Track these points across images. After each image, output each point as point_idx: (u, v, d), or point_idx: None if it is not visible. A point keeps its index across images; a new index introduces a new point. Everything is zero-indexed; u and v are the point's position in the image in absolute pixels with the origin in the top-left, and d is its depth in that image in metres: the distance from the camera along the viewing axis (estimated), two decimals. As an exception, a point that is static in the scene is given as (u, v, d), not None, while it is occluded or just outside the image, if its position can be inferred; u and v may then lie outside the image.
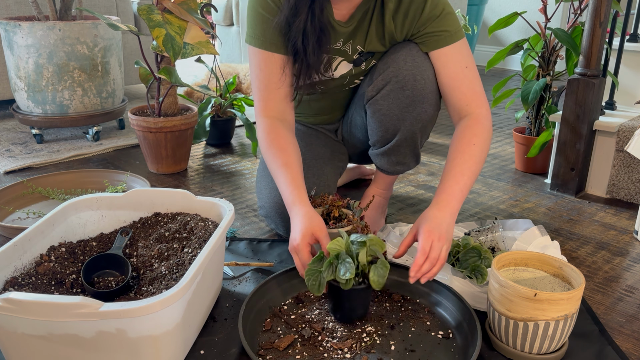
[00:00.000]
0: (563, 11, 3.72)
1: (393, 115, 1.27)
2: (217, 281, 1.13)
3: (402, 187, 1.81)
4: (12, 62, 2.09)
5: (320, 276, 1.01)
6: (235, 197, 1.72)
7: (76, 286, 1.04)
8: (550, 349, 0.96)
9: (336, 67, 1.31)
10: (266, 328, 1.03)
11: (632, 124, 1.68)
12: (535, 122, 1.94)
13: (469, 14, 3.96)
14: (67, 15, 2.15)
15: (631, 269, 1.32)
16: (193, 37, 1.68)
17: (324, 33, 1.18)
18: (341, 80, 1.35)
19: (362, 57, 1.29)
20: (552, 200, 1.72)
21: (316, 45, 1.18)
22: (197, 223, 1.13)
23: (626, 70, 2.32)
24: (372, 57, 1.30)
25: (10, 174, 1.88)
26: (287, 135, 1.22)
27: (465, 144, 1.17)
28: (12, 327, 0.83)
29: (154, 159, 1.88)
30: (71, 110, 2.15)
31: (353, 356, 0.96)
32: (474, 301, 1.09)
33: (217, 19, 3.76)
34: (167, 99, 1.87)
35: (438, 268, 1.02)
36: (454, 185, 1.12)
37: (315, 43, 1.18)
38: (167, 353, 0.89)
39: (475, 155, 1.16)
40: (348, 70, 1.32)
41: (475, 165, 1.16)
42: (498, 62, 1.92)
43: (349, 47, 1.27)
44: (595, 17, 1.62)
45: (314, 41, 1.17)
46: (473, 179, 1.15)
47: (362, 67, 1.32)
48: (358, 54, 1.28)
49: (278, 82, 1.22)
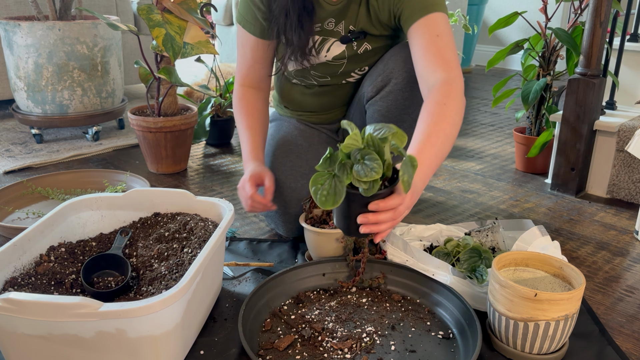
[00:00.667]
0: (563, 11, 3.71)
1: (392, 116, 1.27)
2: (217, 281, 1.13)
3: (402, 187, 1.81)
4: (12, 62, 2.09)
5: (334, 181, 0.79)
6: (235, 197, 1.72)
7: (76, 286, 1.04)
8: (550, 349, 0.96)
9: (329, 48, 1.31)
10: (266, 328, 1.03)
11: (633, 124, 1.68)
12: (536, 122, 1.94)
13: (469, 14, 3.96)
14: (66, 15, 2.15)
15: (631, 269, 1.32)
16: (193, 36, 1.68)
17: (306, 11, 1.20)
18: (337, 67, 1.34)
19: (351, 35, 1.28)
20: (552, 200, 1.72)
21: (298, 24, 1.20)
22: (197, 223, 1.13)
23: (626, 70, 2.32)
24: (364, 39, 1.29)
25: (10, 174, 1.88)
26: (257, 102, 1.35)
27: (434, 104, 1.04)
28: (12, 327, 0.83)
29: (154, 159, 1.88)
30: (71, 110, 2.15)
31: (353, 356, 0.95)
32: (474, 301, 1.09)
33: (217, 18, 3.75)
34: (167, 98, 1.87)
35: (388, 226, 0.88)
36: (430, 148, 0.99)
37: (297, 22, 1.20)
38: (167, 353, 0.88)
39: (449, 116, 1.03)
40: (341, 52, 1.31)
41: (450, 127, 1.03)
42: (498, 62, 1.91)
43: (342, 27, 1.28)
44: (596, 17, 1.62)
45: (295, 20, 1.20)
46: (448, 145, 1.02)
47: (355, 47, 1.31)
48: (348, 32, 1.29)
49: (258, 60, 1.34)
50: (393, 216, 0.87)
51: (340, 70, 1.35)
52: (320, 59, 1.32)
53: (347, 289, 1.17)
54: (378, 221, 0.86)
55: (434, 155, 0.99)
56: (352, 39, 1.29)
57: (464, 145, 2.30)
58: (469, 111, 2.90)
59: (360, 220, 0.85)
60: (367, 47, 1.31)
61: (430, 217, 1.59)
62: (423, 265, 1.16)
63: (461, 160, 2.10)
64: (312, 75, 1.37)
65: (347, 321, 1.05)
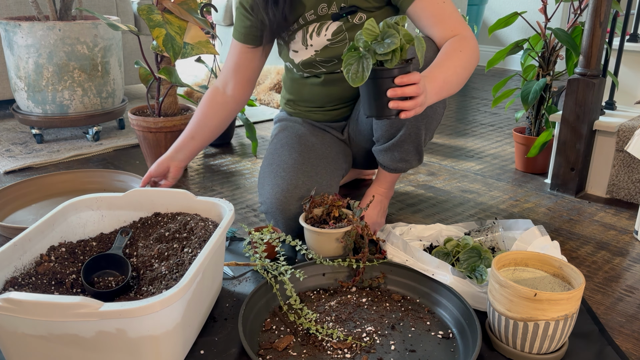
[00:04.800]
0: (563, 11, 3.72)
1: None
2: (217, 281, 1.13)
3: (402, 187, 1.81)
4: (12, 62, 2.09)
5: (362, 59, 0.91)
6: (235, 197, 1.72)
7: (76, 286, 1.04)
8: (550, 349, 0.96)
9: (327, 28, 1.37)
10: (266, 328, 1.03)
11: (632, 124, 1.68)
12: (535, 122, 1.94)
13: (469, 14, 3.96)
14: (67, 15, 2.15)
15: (631, 269, 1.32)
16: (193, 37, 1.68)
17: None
18: (341, 47, 1.38)
19: (341, 11, 1.34)
20: (552, 200, 1.72)
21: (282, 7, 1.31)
22: (197, 223, 1.13)
23: (626, 70, 2.32)
24: (356, 13, 1.34)
25: (10, 174, 1.88)
26: (216, 104, 1.45)
27: (453, 50, 1.18)
28: (12, 327, 0.84)
29: (154, 159, 1.88)
30: (71, 110, 2.15)
31: (353, 356, 0.96)
32: (474, 301, 1.09)
33: (217, 19, 3.76)
34: (167, 99, 1.87)
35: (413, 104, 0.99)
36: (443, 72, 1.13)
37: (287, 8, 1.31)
38: (167, 353, 0.89)
39: (463, 60, 1.17)
40: (338, 27, 1.36)
41: (462, 68, 1.16)
42: (498, 62, 1.92)
43: (335, 7, 1.34)
44: (595, 17, 1.62)
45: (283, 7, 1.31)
46: (457, 81, 1.15)
47: (350, 20, 1.35)
48: (340, 8, 1.34)
49: (241, 65, 1.44)
50: (416, 90, 0.98)
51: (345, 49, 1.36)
52: (322, 40, 1.37)
53: (347, 288, 1.17)
54: (404, 93, 0.97)
55: (442, 79, 1.12)
56: (343, 15, 1.34)
57: (464, 145, 2.30)
58: (469, 111, 2.91)
59: (390, 94, 0.97)
60: (362, 16, 1.36)
61: (430, 217, 1.59)
62: (423, 265, 1.16)
63: (461, 160, 2.11)
64: (319, 63, 1.41)
65: (347, 321, 1.05)
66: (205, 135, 1.45)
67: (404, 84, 0.97)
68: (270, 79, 3.18)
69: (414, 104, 0.99)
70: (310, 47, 1.40)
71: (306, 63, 1.42)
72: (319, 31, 1.36)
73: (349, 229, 1.22)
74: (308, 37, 1.39)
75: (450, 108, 2.98)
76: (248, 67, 1.45)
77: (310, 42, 1.39)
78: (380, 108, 0.99)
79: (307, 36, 1.39)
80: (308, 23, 1.37)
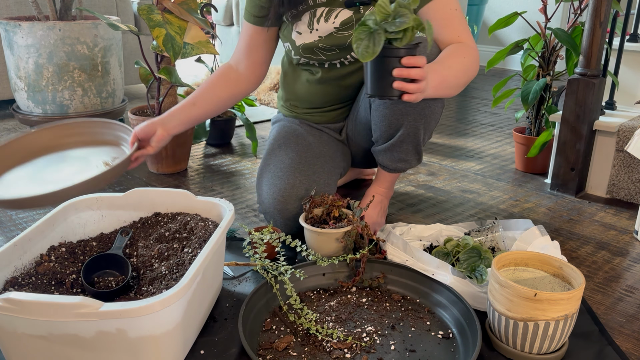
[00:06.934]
0: (563, 11, 3.72)
1: (397, 109, 1.27)
2: (217, 281, 1.13)
3: (402, 187, 1.81)
4: (12, 62, 2.10)
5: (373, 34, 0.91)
6: (235, 197, 1.72)
7: (76, 286, 1.04)
8: (550, 349, 0.96)
9: (336, 15, 1.34)
10: (266, 328, 1.03)
11: (632, 124, 1.68)
12: (535, 122, 1.94)
13: (469, 14, 3.96)
14: (67, 15, 2.15)
15: (631, 269, 1.32)
16: (193, 37, 1.69)
17: None
18: (345, 37, 1.35)
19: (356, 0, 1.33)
20: (552, 200, 1.72)
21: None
22: (197, 223, 1.13)
23: (626, 70, 2.32)
24: (370, 4, 1.33)
25: (10, 174, 1.88)
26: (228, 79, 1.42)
27: (457, 53, 1.21)
28: (12, 327, 0.84)
29: (154, 159, 1.88)
30: (71, 110, 2.15)
31: (353, 356, 0.96)
32: (474, 301, 1.09)
33: (217, 19, 3.76)
34: (167, 99, 1.87)
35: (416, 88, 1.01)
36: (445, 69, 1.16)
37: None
38: (167, 353, 0.89)
39: (465, 65, 1.20)
40: (348, 17, 1.33)
41: (462, 73, 1.20)
42: (498, 62, 1.92)
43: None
44: (595, 17, 1.62)
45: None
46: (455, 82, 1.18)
47: (362, 11, 1.33)
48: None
49: (253, 46, 1.43)
50: (421, 74, 0.99)
51: (348, 40, 1.35)
52: (329, 27, 1.34)
53: (347, 288, 1.17)
54: (410, 75, 0.99)
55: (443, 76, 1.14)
56: (357, 4, 1.32)
57: (464, 145, 2.30)
58: (469, 111, 2.91)
59: (396, 73, 0.98)
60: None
61: (430, 217, 1.59)
62: (423, 265, 1.16)
63: (461, 160, 2.11)
64: (320, 50, 1.37)
65: (347, 321, 1.05)
66: (208, 105, 1.38)
67: (410, 66, 0.98)
68: (270, 79, 3.18)
69: (417, 88, 1.01)
70: (315, 32, 1.36)
71: (307, 47, 1.38)
72: (328, 17, 1.34)
73: (349, 229, 1.22)
74: (315, 21, 1.35)
75: (450, 108, 2.98)
76: (261, 48, 1.43)
77: (316, 27, 1.35)
78: (384, 87, 1.00)
79: (314, 20, 1.35)
80: (317, 5, 1.34)
